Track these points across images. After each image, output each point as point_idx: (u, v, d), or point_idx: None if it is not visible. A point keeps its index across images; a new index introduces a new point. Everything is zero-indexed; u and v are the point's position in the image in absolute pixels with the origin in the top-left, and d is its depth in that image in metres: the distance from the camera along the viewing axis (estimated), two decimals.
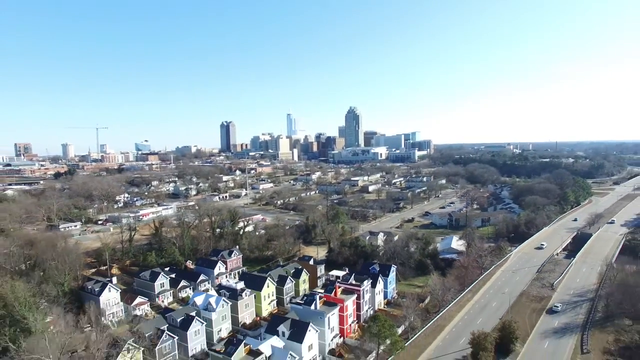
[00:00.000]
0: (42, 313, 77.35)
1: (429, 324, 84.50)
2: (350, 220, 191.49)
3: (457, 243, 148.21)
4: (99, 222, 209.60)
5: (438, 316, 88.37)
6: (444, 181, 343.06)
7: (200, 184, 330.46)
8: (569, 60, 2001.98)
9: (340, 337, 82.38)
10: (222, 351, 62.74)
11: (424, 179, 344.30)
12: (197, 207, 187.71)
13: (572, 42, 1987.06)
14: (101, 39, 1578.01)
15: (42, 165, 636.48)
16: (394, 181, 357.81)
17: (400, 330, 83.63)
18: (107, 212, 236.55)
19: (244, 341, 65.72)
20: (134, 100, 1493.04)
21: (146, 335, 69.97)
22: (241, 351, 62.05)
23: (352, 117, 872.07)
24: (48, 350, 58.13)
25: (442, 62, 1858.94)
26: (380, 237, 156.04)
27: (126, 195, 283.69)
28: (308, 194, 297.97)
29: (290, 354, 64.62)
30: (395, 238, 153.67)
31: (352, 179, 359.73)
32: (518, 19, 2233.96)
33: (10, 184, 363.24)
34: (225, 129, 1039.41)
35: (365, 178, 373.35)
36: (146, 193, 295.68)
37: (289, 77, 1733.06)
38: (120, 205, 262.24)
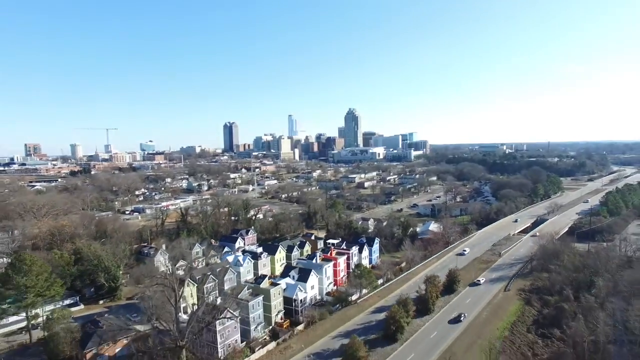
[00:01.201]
0: (118, 265, 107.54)
1: (400, 276, 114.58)
2: (346, 210, 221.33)
3: (434, 226, 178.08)
4: (127, 212, 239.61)
5: (408, 272, 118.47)
6: (434, 178, 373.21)
7: (211, 181, 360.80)
8: (567, 62, 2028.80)
9: (334, 285, 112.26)
10: (252, 281, 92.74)
11: (417, 176, 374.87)
12: (216, 198, 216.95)
13: (570, 43, 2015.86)
14: (104, 44, 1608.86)
15: (54, 165, 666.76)
16: (388, 178, 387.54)
17: (379, 282, 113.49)
18: (130, 204, 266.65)
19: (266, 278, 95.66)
20: (138, 102, 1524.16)
21: (197, 277, 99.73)
22: (266, 282, 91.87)
23: (352, 119, 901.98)
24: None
25: (440, 65, 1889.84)
26: (371, 223, 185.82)
27: (144, 190, 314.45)
28: (309, 189, 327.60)
29: (299, 287, 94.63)
30: (384, 224, 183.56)
31: (350, 176, 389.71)
32: (518, 19, 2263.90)
33: (31, 182, 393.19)
34: (229, 129, 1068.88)
35: (362, 175, 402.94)
36: (162, 188, 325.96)
37: (290, 79, 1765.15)
38: (140, 198, 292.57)
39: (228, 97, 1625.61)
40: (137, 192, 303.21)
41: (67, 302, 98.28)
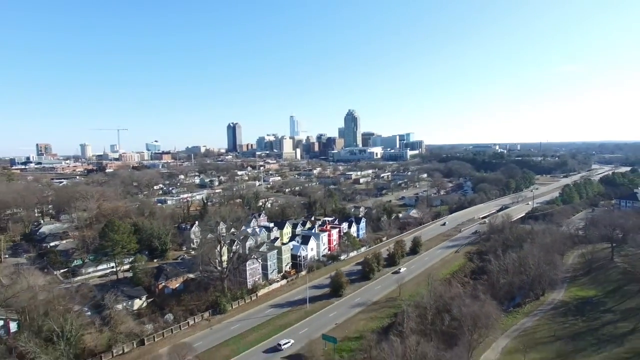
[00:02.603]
0: (167, 234, 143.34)
1: (379, 244, 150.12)
2: (341, 201, 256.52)
3: (414, 212, 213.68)
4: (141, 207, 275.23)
5: (385, 242, 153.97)
6: (424, 175, 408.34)
7: (220, 177, 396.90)
8: (566, 62, 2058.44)
9: (328, 250, 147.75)
10: (268, 242, 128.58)
11: (409, 173, 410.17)
12: (231, 189, 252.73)
13: (570, 43, 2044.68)
14: (104, 45, 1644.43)
15: (68, 164, 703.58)
16: (382, 175, 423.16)
17: (363, 249, 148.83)
18: (152, 197, 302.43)
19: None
20: (143, 103, 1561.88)
21: (227, 241, 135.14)
22: (278, 242, 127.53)
23: (351, 119, 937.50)
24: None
25: (439, 66, 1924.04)
26: (362, 210, 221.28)
27: (161, 185, 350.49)
28: (310, 184, 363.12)
29: (302, 247, 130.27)
30: (373, 210, 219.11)
31: (347, 173, 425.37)
32: (518, 20, 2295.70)
33: (52, 179, 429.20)
34: (232, 130, 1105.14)
35: (359, 173, 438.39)
36: (178, 184, 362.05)
37: (292, 81, 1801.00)
38: (159, 192, 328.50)
39: (231, 99, 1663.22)
40: (155, 187, 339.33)
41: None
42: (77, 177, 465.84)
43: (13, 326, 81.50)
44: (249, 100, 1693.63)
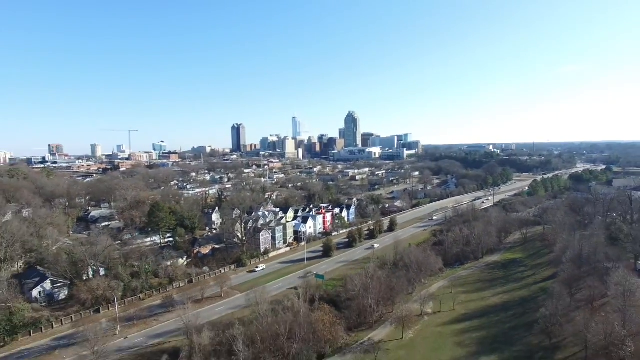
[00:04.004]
0: (195, 215, 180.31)
1: (364, 224, 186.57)
2: (338, 194, 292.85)
3: (398, 202, 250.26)
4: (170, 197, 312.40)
5: (370, 223, 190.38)
6: (416, 173, 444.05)
7: (229, 174, 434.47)
8: (565, 63, 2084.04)
9: (323, 229, 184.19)
10: (275, 220, 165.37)
11: (402, 171, 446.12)
12: (242, 183, 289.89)
13: (570, 43, 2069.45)
14: (106, 46, 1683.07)
15: (81, 163, 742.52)
16: (377, 173, 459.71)
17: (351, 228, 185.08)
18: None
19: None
20: (148, 105, 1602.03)
21: (244, 220, 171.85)
22: (284, 220, 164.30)
23: (351, 121, 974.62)
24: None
25: (437, 67, 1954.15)
26: (354, 201, 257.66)
27: (176, 181, 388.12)
28: (311, 181, 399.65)
29: (302, 225, 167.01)
30: (363, 201, 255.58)
31: (345, 171, 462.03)
32: (518, 20, 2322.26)
33: (79, 176, 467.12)
34: (236, 130, 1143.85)
35: (356, 171, 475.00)
36: (192, 180, 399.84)
37: (294, 82, 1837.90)
38: (175, 188, 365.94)
39: (234, 100, 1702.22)
40: (171, 183, 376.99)
41: None
42: (94, 175, 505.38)
43: (102, 272, 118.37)
44: (252, 101, 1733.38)
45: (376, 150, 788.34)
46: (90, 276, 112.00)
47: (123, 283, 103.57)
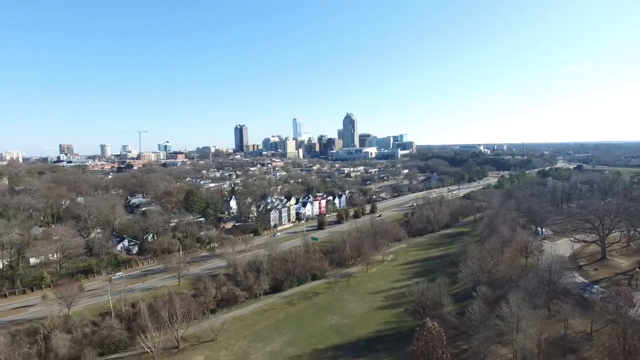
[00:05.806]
0: (217, 201, 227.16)
1: (352, 209, 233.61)
2: (333, 188, 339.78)
3: (382, 194, 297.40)
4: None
5: (357, 207, 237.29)
6: (406, 171, 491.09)
7: (237, 172, 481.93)
8: (564, 63, 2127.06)
9: (319, 213, 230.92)
10: (281, 204, 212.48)
11: (393, 169, 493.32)
12: (250, 178, 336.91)
13: (569, 43, 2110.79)
14: (108, 47, 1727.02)
15: (94, 162, 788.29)
16: (370, 170, 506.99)
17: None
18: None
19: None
20: (152, 106, 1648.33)
21: (257, 204, 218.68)
22: (289, 203, 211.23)
23: (349, 122, 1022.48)
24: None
25: (434, 68, 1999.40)
26: (346, 192, 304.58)
27: (189, 178, 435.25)
28: (310, 177, 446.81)
29: (302, 208, 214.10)
30: (355, 194, 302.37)
31: (342, 169, 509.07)
32: (518, 20, 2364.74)
33: (99, 174, 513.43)
34: (239, 131, 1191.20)
35: (351, 169, 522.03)
36: (203, 177, 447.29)
37: (295, 83, 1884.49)
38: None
39: (236, 102, 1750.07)
40: (186, 179, 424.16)
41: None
42: (111, 173, 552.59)
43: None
44: (254, 102, 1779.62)
45: (372, 150, 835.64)
46: (150, 239, 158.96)
47: (180, 241, 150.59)
